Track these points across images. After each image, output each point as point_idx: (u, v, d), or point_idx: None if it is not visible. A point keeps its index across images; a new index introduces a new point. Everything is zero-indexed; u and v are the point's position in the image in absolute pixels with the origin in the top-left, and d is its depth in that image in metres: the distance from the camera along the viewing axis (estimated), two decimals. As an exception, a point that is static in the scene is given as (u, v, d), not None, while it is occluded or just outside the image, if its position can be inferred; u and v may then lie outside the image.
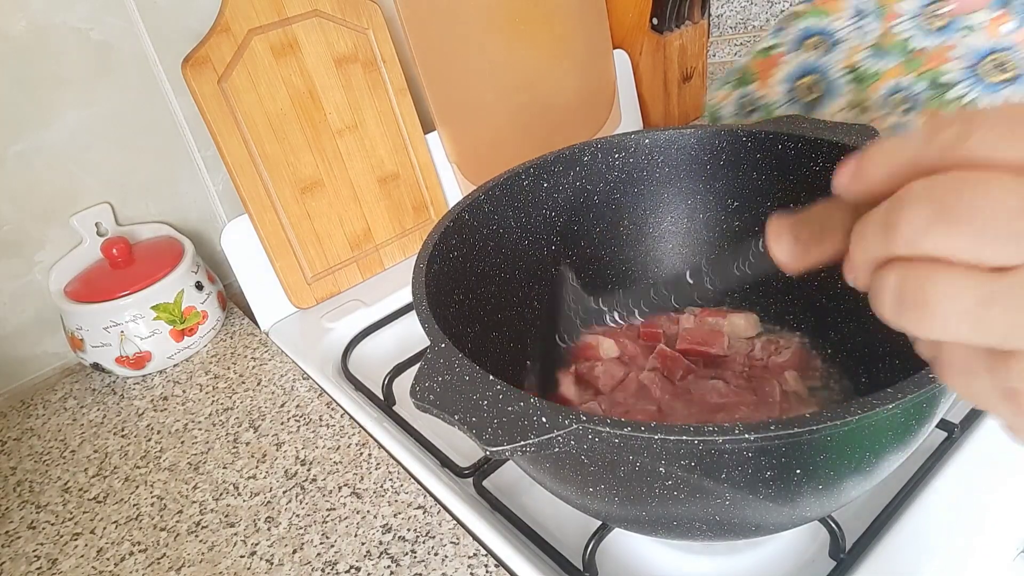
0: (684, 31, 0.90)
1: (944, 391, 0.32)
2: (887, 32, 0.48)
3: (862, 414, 0.27)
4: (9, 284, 0.63)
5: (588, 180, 0.55)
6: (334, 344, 0.65)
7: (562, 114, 0.85)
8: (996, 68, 0.47)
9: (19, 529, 0.50)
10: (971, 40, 0.47)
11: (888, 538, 0.41)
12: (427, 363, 0.34)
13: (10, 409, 0.62)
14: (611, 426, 0.28)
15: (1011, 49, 0.47)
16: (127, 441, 0.57)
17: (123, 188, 0.67)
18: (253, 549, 0.46)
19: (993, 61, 0.47)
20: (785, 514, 0.35)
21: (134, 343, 0.61)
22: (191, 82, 0.60)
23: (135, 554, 0.47)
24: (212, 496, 0.50)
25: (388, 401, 0.58)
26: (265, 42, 0.63)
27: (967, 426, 0.46)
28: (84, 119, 0.63)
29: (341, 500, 0.48)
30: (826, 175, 0.52)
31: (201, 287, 0.65)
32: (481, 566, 0.42)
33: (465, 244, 0.48)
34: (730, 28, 1.14)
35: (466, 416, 0.31)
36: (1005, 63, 0.47)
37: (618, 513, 0.37)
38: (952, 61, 0.47)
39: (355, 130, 0.70)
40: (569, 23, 0.83)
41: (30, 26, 0.58)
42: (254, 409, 0.58)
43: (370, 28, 0.70)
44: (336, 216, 0.69)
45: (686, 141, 0.55)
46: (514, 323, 0.53)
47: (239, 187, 0.63)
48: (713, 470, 0.30)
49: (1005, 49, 0.47)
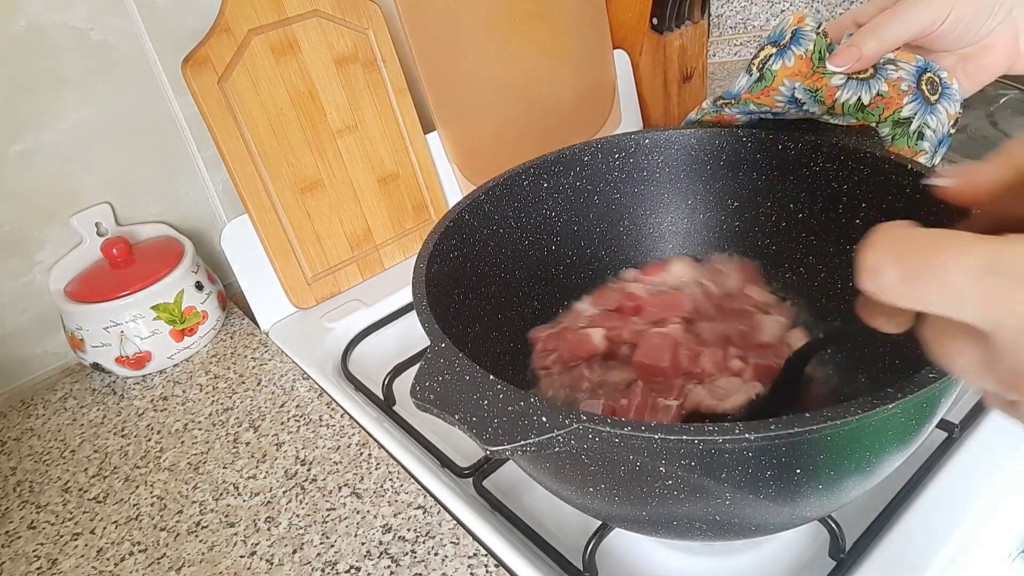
0: (684, 31, 0.90)
1: (944, 391, 0.32)
2: (834, 104, 0.49)
3: (862, 414, 0.27)
4: (9, 284, 0.63)
5: (588, 180, 0.55)
6: (334, 344, 0.65)
7: (562, 114, 0.85)
8: (928, 87, 0.48)
9: (19, 529, 0.50)
10: (905, 66, 0.48)
11: (888, 538, 0.41)
12: (427, 363, 0.34)
13: (10, 409, 0.62)
14: (611, 426, 0.28)
15: (928, 66, 0.49)
16: (127, 441, 0.57)
17: (123, 188, 0.67)
18: (253, 549, 0.46)
19: (927, 80, 0.48)
20: (785, 514, 0.35)
21: (134, 343, 0.61)
22: (191, 82, 0.60)
23: (135, 554, 0.47)
24: (212, 496, 0.50)
25: (388, 401, 0.58)
26: (265, 42, 0.63)
27: (967, 426, 0.46)
28: (84, 119, 0.63)
29: (341, 500, 0.48)
30: (826, 175, 0.52)
31: (201, 287, 0.65)
32: (481, 566, 0.42)
33: (465, 244, 0.48)
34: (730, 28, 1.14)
35: (466, 416, 0.31)
36: (933, 80, 0.49)
37: (618, 513, 0.37)
38: (906, 95, 0.48)
39: (355, 130, 0.70)
40: (569, 23, 0.83)
41: (30, 26, 0.58)
42: (254, 409, 0.58)
43: (370, 28, 0.70)
44: (336, 216, 0.69)
45: (686, 141, 0.55)
46: (514, 323, 0.53)
47: (239, 187, 0.63)
48: (713, 470, 0.30)
49: (924, 69, 0.48)
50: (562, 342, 0.51)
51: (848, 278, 0.50)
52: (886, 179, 0.46)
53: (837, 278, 0.51)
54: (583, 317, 0.55)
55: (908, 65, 0.48)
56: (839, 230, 0.50)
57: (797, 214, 0.52)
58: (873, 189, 0.47)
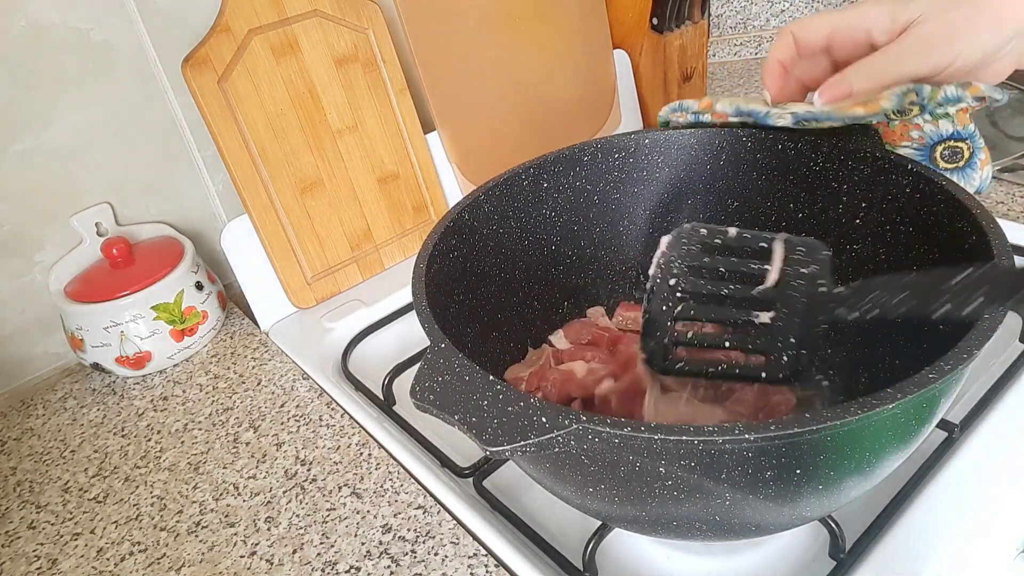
0: (684, 31, 0.90)
1: (944, 391, 0.32)
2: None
3: (862, 414, 0.27)
4: (9, 284, 0.63)
5: (588, 180, 0.55)
6: (334, 344, 0.65)
7: (562, 114, 0.85)
8: (947, 155, 0.45)
9: (19, 529, 0.50)
10: (935, 126, 0.45)
11: (888, 538, 0.41)
12: (427, 363, 0.34)
13: (10, 409, 0.62)
14: (611, 426, 0.28)
15: (972, 137, 0.45)
16: (127, 441, 0.57)
17: (123, 188, 0.67)
18: (253, 549, 0.46)
19: (948, 148, 0.45)
20: (785, 514, 0.35)
21: (134, 343, 0.61)
22: (191, 82, 0.60)
23: (135, 554, 0.47)
24: (212, 496, 0.50)
25: (388, 401, 0.58)
26: (265, 42, 0.63)
27: (967, 426, 0.46)
28: (84, 119, 0.63)
29: (341, 500, 0.48)
30: (826, 175, 0.52)
31: (201, 287, 0.65)
32: (481, 566, 0.42)
33: (465, 244, 0.48)
34: (730, 28, 1.14)
35: (466, 416, 0.31)
36: (956, 152, 0.45)
37: (618, 513, 0.37)
38: (908, 140, 0.46)
39: (355, 130, 0.70)
40: (569, 23, 0.83)
41: (30, 26, 0.58)
42: (254, 409, 0.58)
43: (370, 28, 0.70)
44: (336, 216, 0.69)
45: (686, 141, 0.55)
46: (514, 323, 0.53)
47: (239, 187, 0.63)
48: (713, 470, 0.30)
49: (964, 138, 0.45)
50: (544, 381, 0.50)
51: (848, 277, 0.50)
52: (886, 179, 0.46)
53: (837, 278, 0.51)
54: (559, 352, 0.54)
55: (946, 124, 0.44)
56: (839, 230, 0.50)
57: (797, 214, 0.52)
58: (873, 189, 0.47)
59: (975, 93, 0.42)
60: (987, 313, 0.30)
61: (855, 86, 0.44)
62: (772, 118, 0.48)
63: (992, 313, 0.30)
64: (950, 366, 0.29)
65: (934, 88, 0.42)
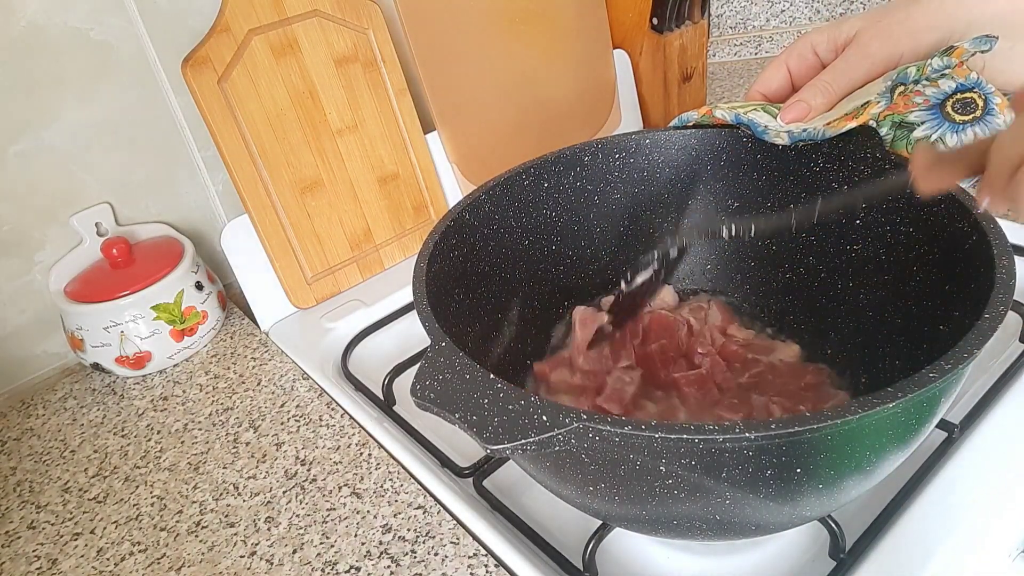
0: (684, 31, 0.90)
1: (944, 391, 0.32)
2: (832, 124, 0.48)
3: (862, 413, 0.27)
4: (9, 284, 0.63)
5: (588, 180, 0.55)
6: (334, 344, 0.65)
7: (562, 114, 0.85)
8: (959, 108, 0.45)
9: (19, 529, 0.50)
10: (936, 87, 0.45)
11: (888, 538, 0.41)
12: (428, 362, 0.34)
13: (10, 409, 0.62)
14: (612, 424, 0.29)
15: (979, 84, 0.44)
16: (127, 441, 0.57)
17: (123, 188, 0.67)
18: (253, 549, 0.46)
19: (958, 101, 0.45)
20: (785, 514, 0.35)
21: (134, 343, 0.61)
22: (191, 82, 0.60)
23: (135, 554, 0.47)
24: (212, 496, 0.50)
25: (388, 401, 0.58)
26: (265, 42, 0.63)
27: (967, 426, 0.46)
28: (84, 119, 0.63)
29: (341, 500, 0.48)
30: (826, 175, 0.52)
31: (201, 287, 0.65)
32: (481, 566, 0.42)
33: (465, 244, 0.48)
34: (730, 28, 1.14)
35: (467, 415, 0.31)
36: (967, 103, 0.45)
37: (618, 512, 0.37)
38: (914, 106, 0.46)
39: (355, 130, 0.70)
40: (569, 23, 0.83)
41: (30, 26, 0.58)
42: (254, 409, 0.58)
43: (370, 28, 0.70)
44: (336, 216, 0.69)
45: (686, 141, 0.55)
46: (514, 323, 0.53)
47: (239, 187, 0.63)
48: (713, 469, 0.30)
49: (971, 88, 0.44)
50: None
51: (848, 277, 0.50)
52: (886, 179, 0.46)
53: (837, 278, 0.51)
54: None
55: (934, 89, 0.45)
56: (839, 230, 0.50)
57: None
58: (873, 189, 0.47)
59: (960, 55, 0.43)
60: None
61: (812, 102, 0.48)
62: (770, 135, 0.50)
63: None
64: (950, 366, 0.29)
65: (919, 67, 0.44)
